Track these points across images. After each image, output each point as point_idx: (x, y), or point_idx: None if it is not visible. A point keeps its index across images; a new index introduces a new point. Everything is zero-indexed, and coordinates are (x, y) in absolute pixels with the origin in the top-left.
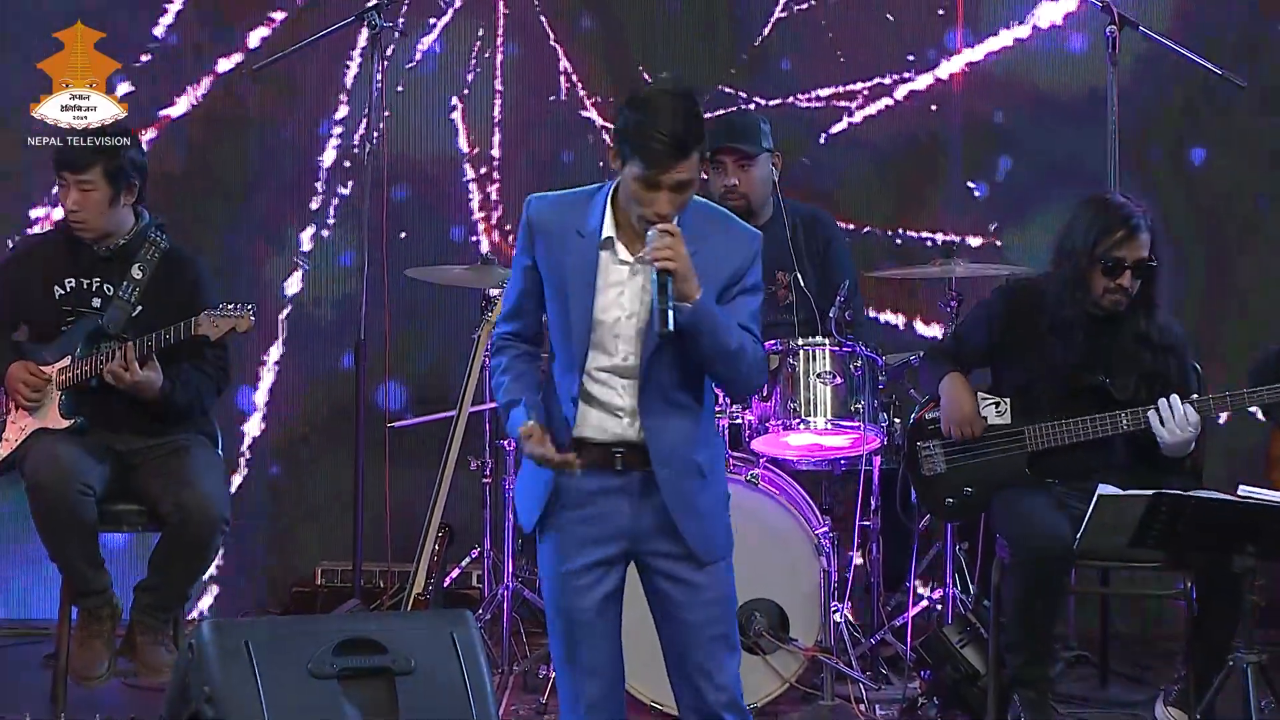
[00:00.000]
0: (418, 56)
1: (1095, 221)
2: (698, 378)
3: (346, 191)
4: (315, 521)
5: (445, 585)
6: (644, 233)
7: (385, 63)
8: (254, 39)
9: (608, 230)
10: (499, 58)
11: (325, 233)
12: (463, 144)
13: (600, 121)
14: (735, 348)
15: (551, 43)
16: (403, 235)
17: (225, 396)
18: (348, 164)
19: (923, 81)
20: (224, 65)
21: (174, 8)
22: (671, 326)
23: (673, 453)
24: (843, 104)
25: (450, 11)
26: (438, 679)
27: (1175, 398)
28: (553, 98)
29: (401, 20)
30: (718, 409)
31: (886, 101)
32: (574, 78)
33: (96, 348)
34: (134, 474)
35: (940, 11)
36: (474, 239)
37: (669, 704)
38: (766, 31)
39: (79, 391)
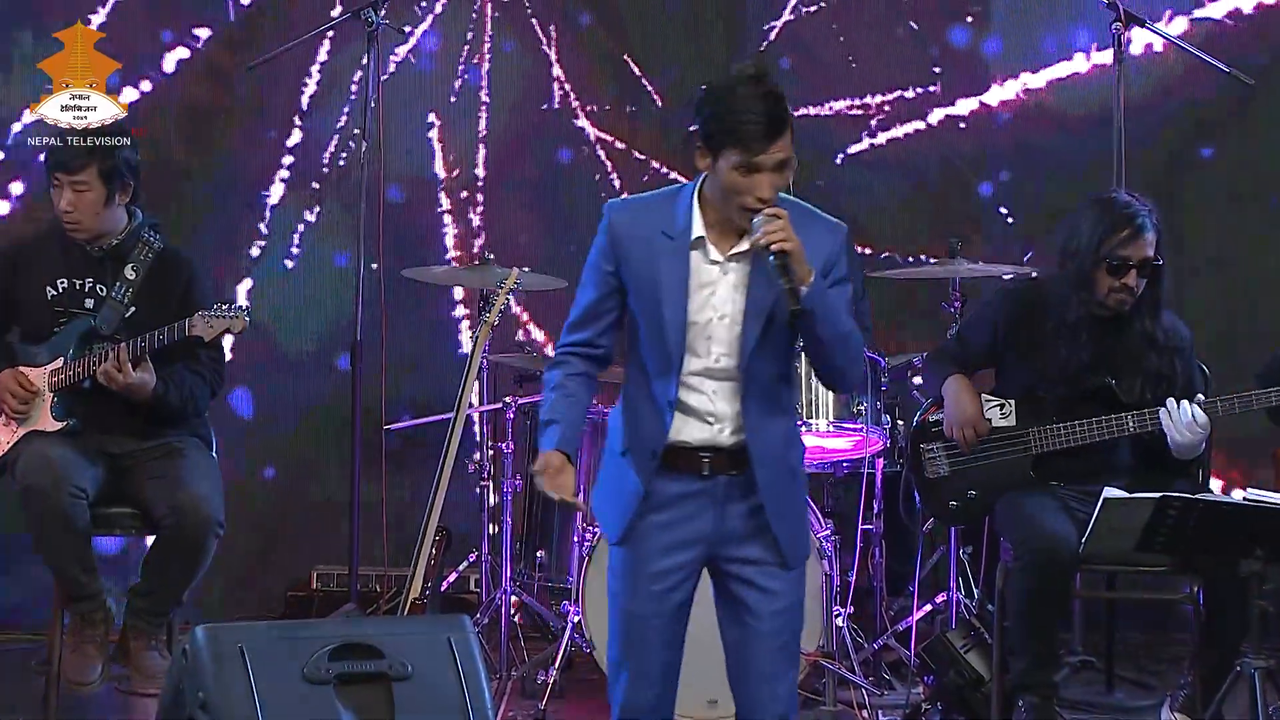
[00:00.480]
0: (391, 67)
1: (1100, 221)
2: (789, 379)
3: (340, 191)
4: (311, 525)
5: (442, 590)
6: (743, 225)
7: (377, 59)
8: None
9: (697, 230)
10: (484, 67)
11: (319, 232)
12: (439, 164)
13: (594, 133)
14: (846, 330)
15: (544, 49)
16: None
17: (218, 398)
18: (342, 163)
19: (964, 106)
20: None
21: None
22: (801, 304)
23: (772, 454)
24: (859, 115)
25: (430, 17)
26: (435, 685)
27: (1184, 401)
28: (545, 106)
29: (409, 28)
30: None
31: (917, 124)
32: (566, 86)
33: (89, 349)
34: (127, 477)
35: (969, 19)
36: (472, 240)
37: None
38: (773, 36)
39: (71, 393)
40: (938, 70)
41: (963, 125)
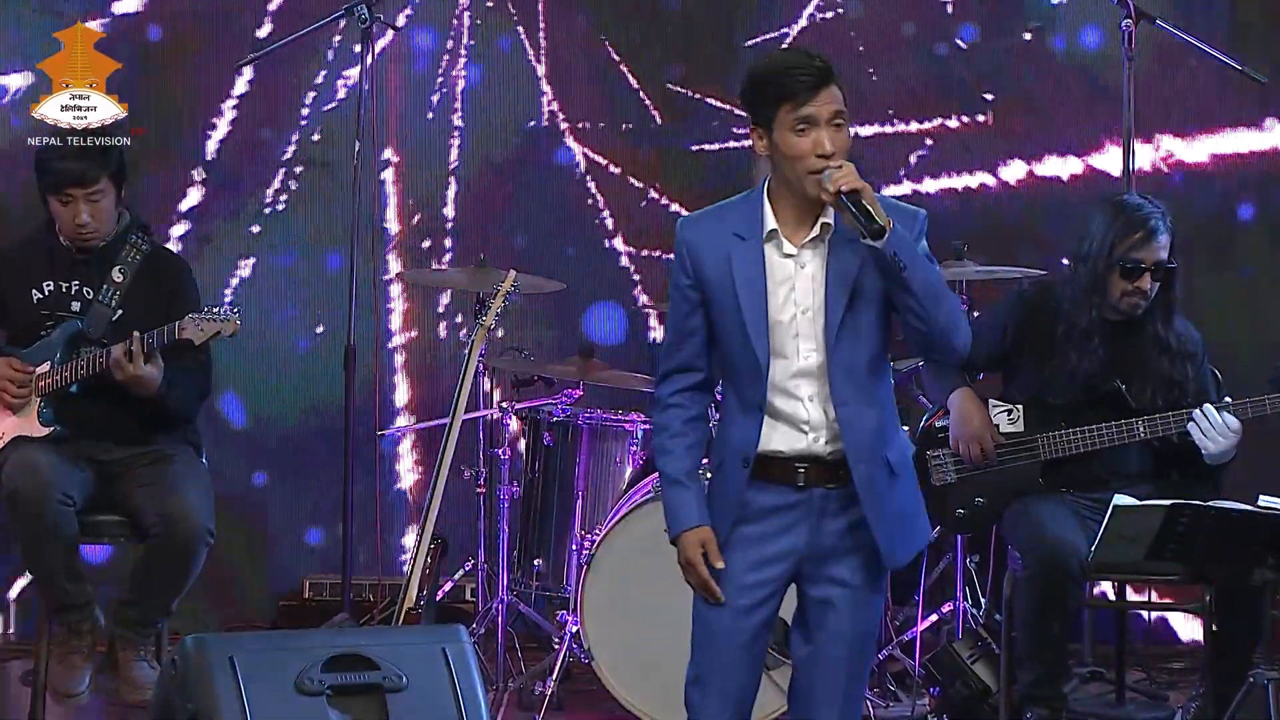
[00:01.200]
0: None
1: (1113, 223)
2: (882, 369)
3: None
4: (303, 533)
5: (438, 599)
6: (815, 194)
7: (371, 56)
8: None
9: (769, 225)
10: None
11: (312, 233)
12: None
13: (583, 153)
14: (940, 284)
15: (529, 59)
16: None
17: (208, 403)
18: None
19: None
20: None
21: None
22: (880, 223)
23: (866, 447)
24: (896, 148)
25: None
26: (430, 696)
27: (1209, 408)
28: (531, 123)
29: (406, 17)
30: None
31: (985, 179)
32: (554, 105)
33: (77, 353)
34: (116, 484)
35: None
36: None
37: None
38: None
39: (59, 398)
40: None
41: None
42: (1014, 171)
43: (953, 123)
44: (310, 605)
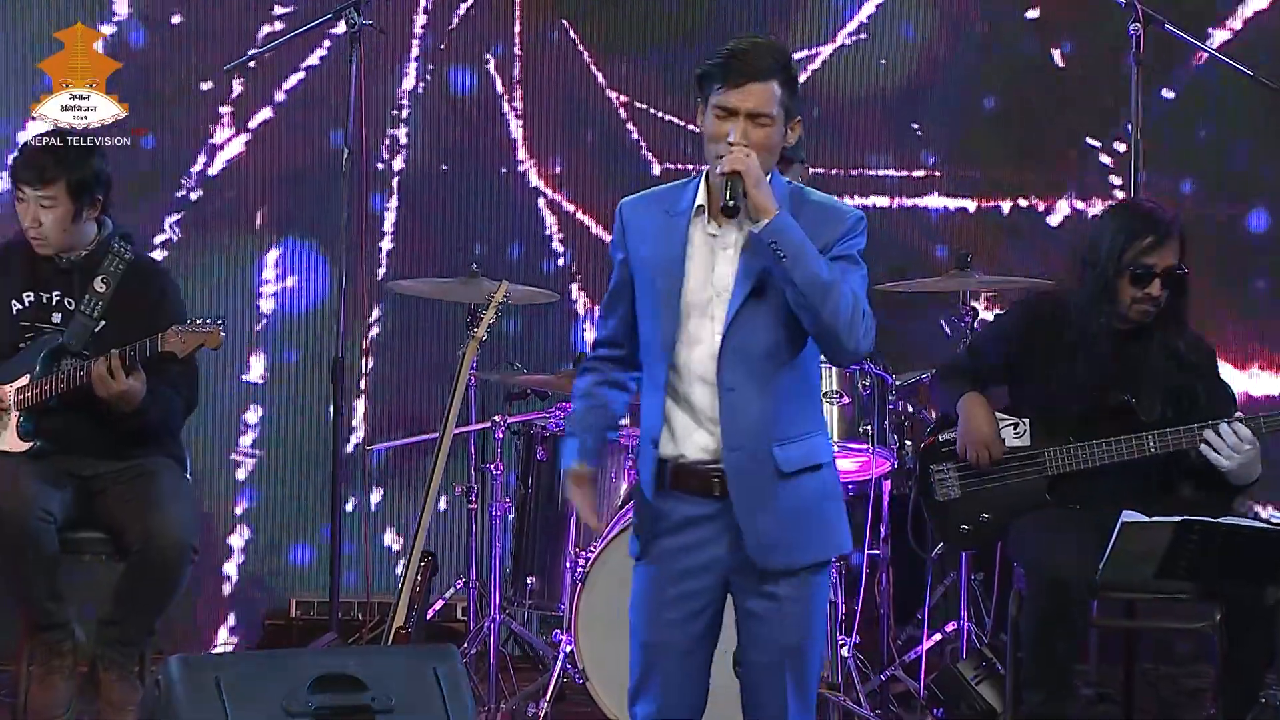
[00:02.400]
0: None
1: (1122, 228)
2: (793, 361)
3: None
4: (290, 550)
5: (428, 618)
6: (712, 175)
7: (360, 62)
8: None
9: (699, 200)
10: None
11: (299, 243)
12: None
13: (551, 198)
14: (827, 278)
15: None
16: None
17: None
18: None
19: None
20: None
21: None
22: (737, 203)
23: (745, 434)
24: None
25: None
26: (420, 718)
27: (1222, 424)
28: (504, 170)
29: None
30: None
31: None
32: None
33: (57, 365)
34: (97, 500)
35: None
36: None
37: None
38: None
39: (39, 412)
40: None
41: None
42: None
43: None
44: (297, 624)
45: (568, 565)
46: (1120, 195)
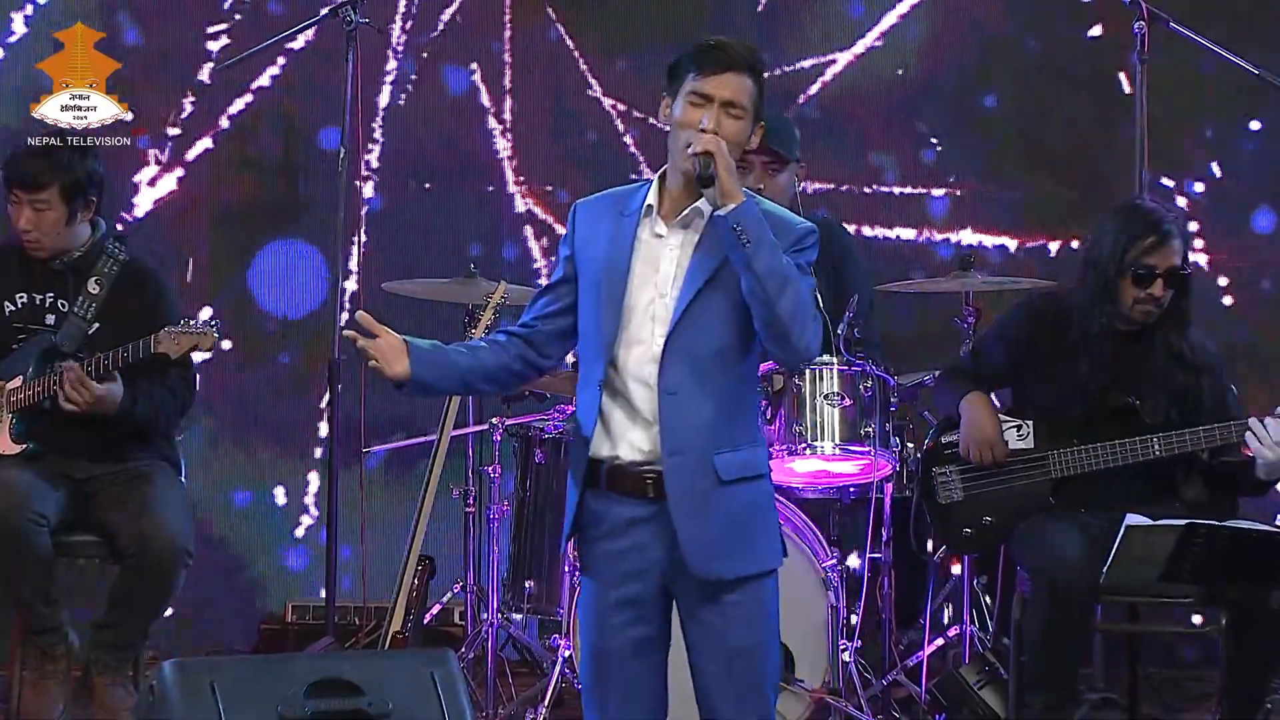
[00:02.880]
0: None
1: (1124, 228)
2: (736, 368)
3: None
4: (286, 553)
5: (425, 622)
6: (687, 167)
7: (357, 60)
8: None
9: (650, 200)
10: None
11: (295, 242)
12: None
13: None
14: (787, 271)
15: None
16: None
17: (188, 417)
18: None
19: None
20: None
21: None
22: (711, 171)
23: (686, 439)
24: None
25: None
26: None
27: (1268, 419)
28: (490, 188)
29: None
30: None
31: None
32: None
33: (50, 367)
34: (91, 502)
35: None
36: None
37: None
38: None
39: (32, 414)
40: None
41: None
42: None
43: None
44: (293, 629)
45: (566, 569)
46: (1199, 243)
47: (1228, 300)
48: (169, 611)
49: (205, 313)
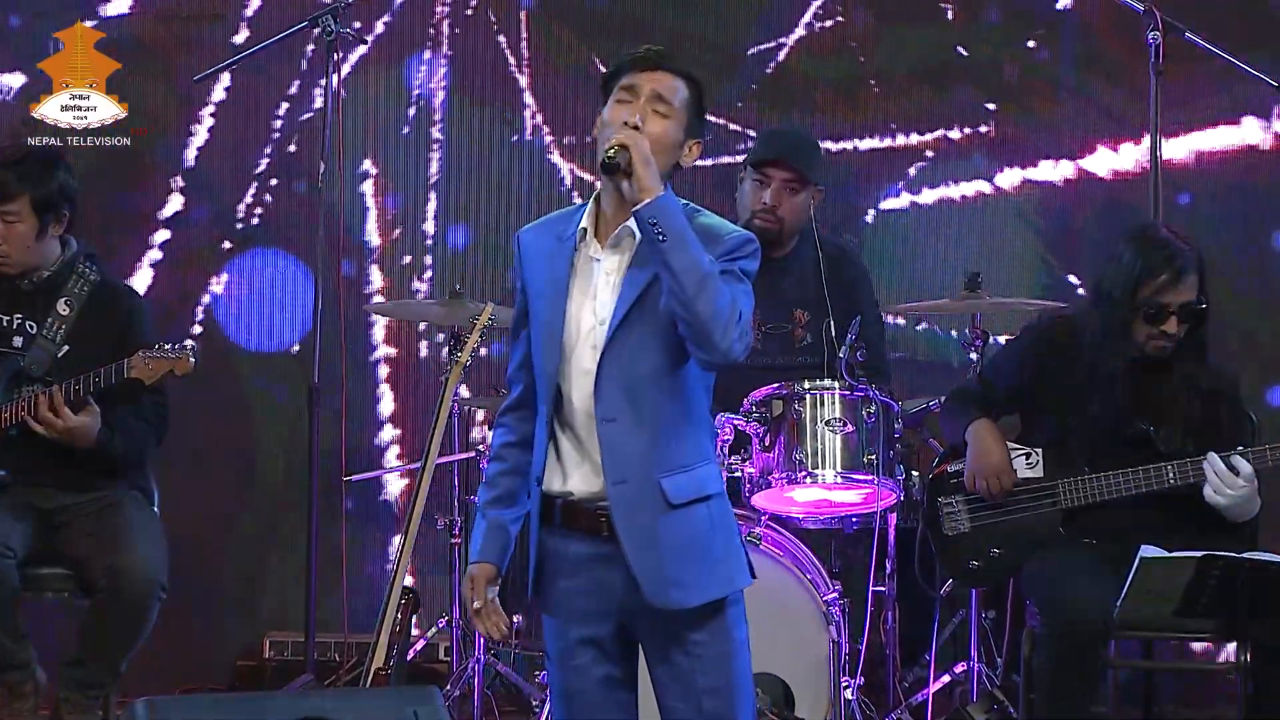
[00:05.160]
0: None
1: (1135, 262)
2: (676, 388)
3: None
4: (263, 587)
5: (409, 658)
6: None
7: (337, 72)
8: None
9: (585, 223)
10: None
11: (274, 262)
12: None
13: (569, 169)
14: (706, 268)
15: (511, 70)
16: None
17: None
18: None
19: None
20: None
21: None
22: (614, 154)
23: (629, 467)
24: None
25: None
26: None
27: (1212, 456)
28: (515, 137)
29: (385, 23)
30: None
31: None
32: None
33: (18, 392)
34: (60, 534)
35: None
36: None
37: None
38: (782, 56)
39: None
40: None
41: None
42: (1009, 179)
43: (954, 134)
44: (271, 665)
45: None
46: None
47: None
48: (141, 647)
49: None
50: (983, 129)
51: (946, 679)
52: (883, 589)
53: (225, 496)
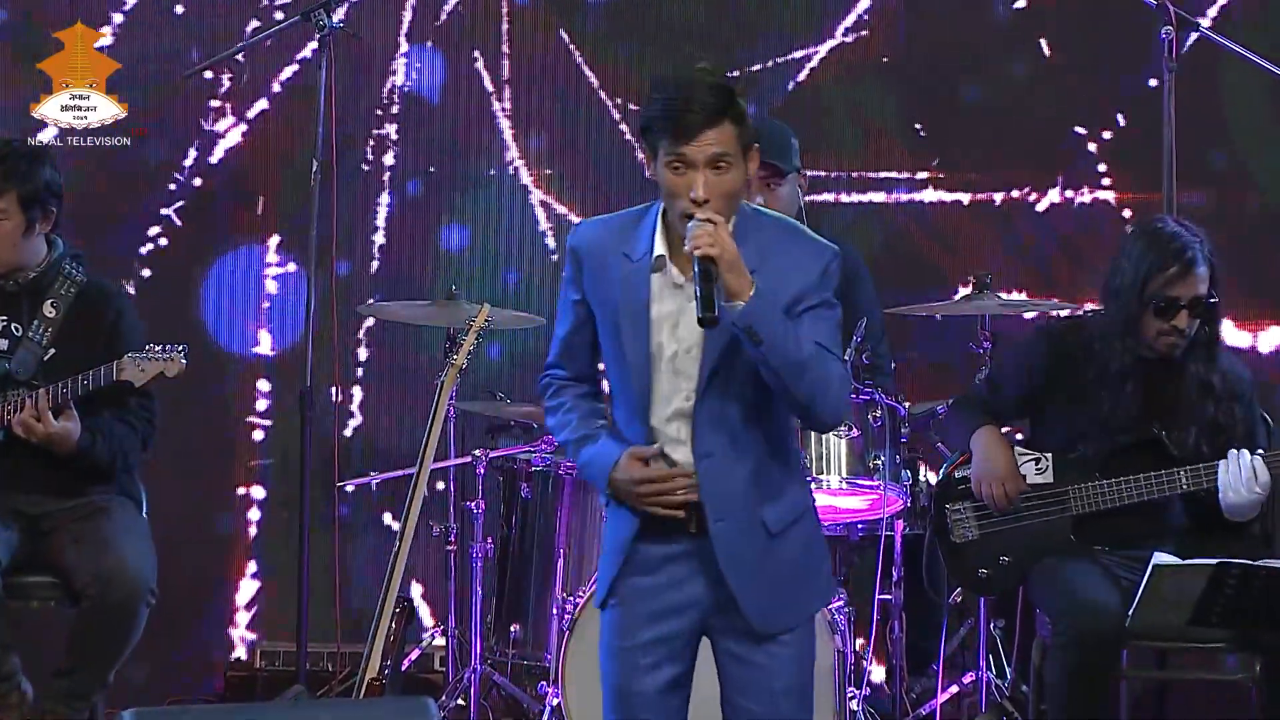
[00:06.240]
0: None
1: (1145, 256)
2: (769, 416)
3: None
4: (254, 595)
5: (403, 668)
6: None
7: (330, 67)
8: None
9: (659, 249)
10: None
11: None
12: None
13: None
14: (804, 357)
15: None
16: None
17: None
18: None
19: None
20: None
21: None
22: (716, 312)
23: (730, 503)
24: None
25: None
26: None
27: (1245, 453)
28: (492, 172)
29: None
30: None
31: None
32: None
33: (3, 395)
34: (46, 541)
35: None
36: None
37: None
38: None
39: None
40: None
41: None
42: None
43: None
44: (262, 676)
45: (554, 611)
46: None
47: None
48: (129, 656)
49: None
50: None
51: (955, 690)
52: (889, 597)
53: (215, 502)
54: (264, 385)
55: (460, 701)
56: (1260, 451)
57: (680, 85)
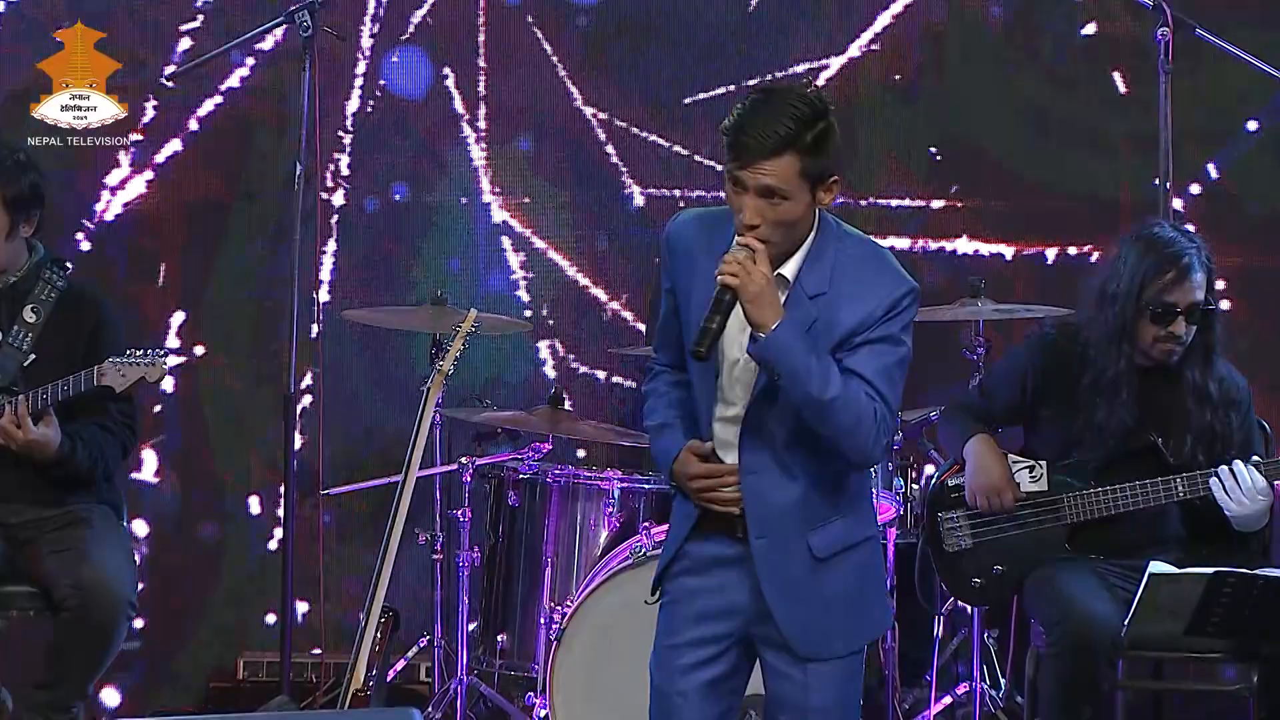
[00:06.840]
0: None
1: (1141, 261)
2: (820, 442)
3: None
4: (236, 605)
5: (389, 679)
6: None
7: (313, 71)
8: None
9: None
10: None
11: (248, 266)
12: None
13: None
14: (826, 398)
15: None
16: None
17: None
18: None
19: None
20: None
21: None
22: (707, 347)
23: (772, 522)
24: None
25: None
26: None
27: (1239, 463)
28: (465, 200)
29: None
30: None
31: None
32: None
33: None
34: (24, 550)
35: None
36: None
37: None
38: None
39: None
40: None
41: None
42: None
43: None
44: (245, 687)
45: (542, 621)
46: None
47: None
48: (110, 667)
49: (178, 318)
50: None
51: (948, 700)
52: None
53: (197, 510)
54: (245, 390)
55: (446, 712)
56: (1256, 459)
57: (754, 105)
